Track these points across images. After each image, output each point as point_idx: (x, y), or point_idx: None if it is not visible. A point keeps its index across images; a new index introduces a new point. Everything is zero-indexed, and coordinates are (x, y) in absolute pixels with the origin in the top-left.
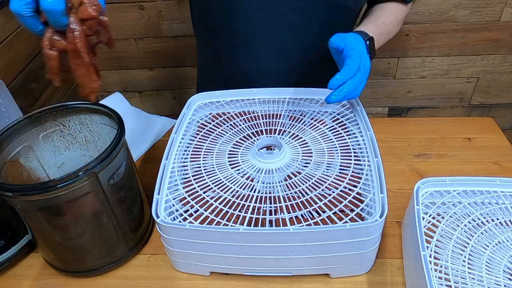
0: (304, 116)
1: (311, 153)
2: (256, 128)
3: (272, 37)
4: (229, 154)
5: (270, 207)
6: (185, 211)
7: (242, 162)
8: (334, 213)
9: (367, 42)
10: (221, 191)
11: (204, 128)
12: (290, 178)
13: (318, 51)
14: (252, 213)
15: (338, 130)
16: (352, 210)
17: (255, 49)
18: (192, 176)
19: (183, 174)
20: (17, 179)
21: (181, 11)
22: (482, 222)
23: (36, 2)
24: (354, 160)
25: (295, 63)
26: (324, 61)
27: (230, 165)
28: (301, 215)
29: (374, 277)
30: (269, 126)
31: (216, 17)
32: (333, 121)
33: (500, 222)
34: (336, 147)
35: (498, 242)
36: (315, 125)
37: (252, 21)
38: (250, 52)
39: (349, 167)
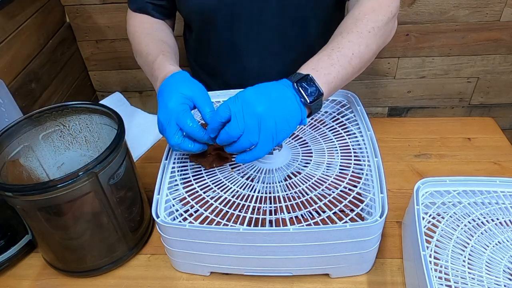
0: None
1: (311, 153)
2: None
3: (261, 44)
4: None
5: (270, 207)
6: (185, 211)
7: None
8: (334, 213)
9: (295, 85)
10: (221, 191)
11: None
12: (290, 178)
13: (307, 52)
14: (252, 213)
15: (338, 130)
16: (352, 210)
17: (246, 57)
18: (192, 176)
19: (183, 174)
20: (17, 179)
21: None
22: (482, 222)
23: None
24: (354, 160)
25: (286, 67)
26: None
27: (230, 165)
28: (301, 215)
29: (374, 277)
30: None
31: (205, 30)
32: (333, 121)
33: (500, 222)
34: (336, 147)
35: (498, 242)
36: (315, 125)
37: (240, 31)
38: (240, 61)
39: (349, 167)
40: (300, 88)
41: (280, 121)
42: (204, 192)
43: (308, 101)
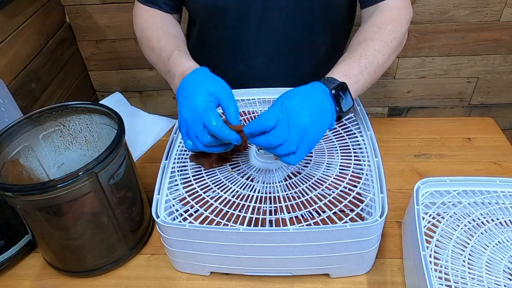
0: None
1: (311, 153)
2: None
3: (267, 45)
4: None
5: (270, 207)
6: (185, 211)
7: (242, 162)
8: (334, 213)
9: (333, 92)
10: (221, 191)
11: None
12: (290, 178)
13: (312, 52)
14: (252, 213)
15: (338, 130)
16: (352, 210)
17: (251, 57)
18: (192, 176)
19: (183, 174)
20: (17, 179)
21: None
22: (482, 222)
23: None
24: (354, 160)
25: (290, 68)
26: (321, 61)
27: (230, 165)
28: (301, 215)
29: (374, 277)
30: None
31: (211, 28)
32: None
33: (500, 222)
34: (336, 147)
35: (498, 242)
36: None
37: (247, 31)
38: (245, 60)
39: (349, 167)
40: (337, 97)
41: (319, 132)
42: (204, 192)
43: (343, 111)
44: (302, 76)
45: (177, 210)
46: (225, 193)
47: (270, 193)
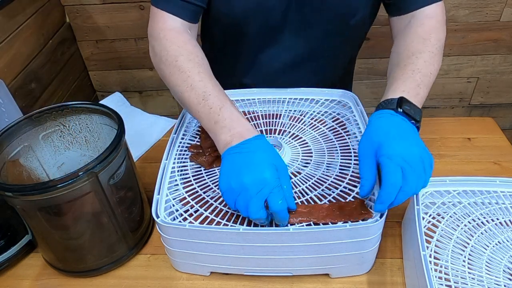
0: (304, 116)
1: (311, 153)
2: (256, 128)
3: (286, 53)
4: None
5: None
6: (185, 211)
7: None
8: None
9: (399, 110)
10: None
11: None
12: (290, 178)
13: (329, 62)
14: None
15: (338, 130)
16: None
17: (269, 63)
18: (192, 176)
19: (183, 174)
20: (17, 179)
21: None
22: (482, 222)
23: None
24: (354, 160)
25: (307, 74)
26: (328, 69)
27: None
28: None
29: (374, 277)
30: (269, 126)
31: (232, 34)
32: (333, 121)
33: (500, 222)
34: (336, 147)
35: (498, 242)
36: (315, 125)
37: (268, 40)
38: (263, 66)
39: (349, 167)
40: (405, 112)
41: (422, 145)
42: (204, 192)
43: (418, 119)
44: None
45: (177, 210)
46: None
47: None
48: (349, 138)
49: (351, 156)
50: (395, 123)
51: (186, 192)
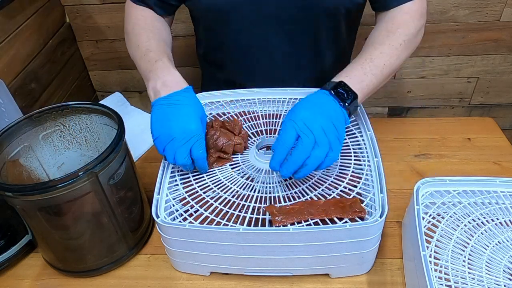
0: None
1: None
2: (256, 128)
3: (272, 45)
4: None
5: None
6: (185, 211)
7: (242, 162)
8: None
9: (332, 92)
10: (221, 191)
11: None
12: (290, 178)
13: (317, 56)
14: (252, 213)
15: None
16: None
17: (256, 57)
18: (192, 176)
19: (183, 174)
20: (17, 179)
21: (181, 11)
22: (482, 222)
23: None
24: (354, 160)
25: (296, 69)
26: (322, 63)
27: (230, 165)
28: None
29: (374, 277)
30: (269, 126)
31: (216, 29)
32: None
33: (500, 222)
34: None
35: (498, 242)
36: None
37: (251, 32)
38: (250, 60)
39: (349, 167)
40: (337, 94)
41: (337, 124)
42: (204, 192)
43: (347, 104)
44: (307, 80)
45: (177, 210)
46: (225, 193)
47: (270, 193)
48: (349, 138)
49: (351, 156)
50: (320, 99)
51: (186, 192)
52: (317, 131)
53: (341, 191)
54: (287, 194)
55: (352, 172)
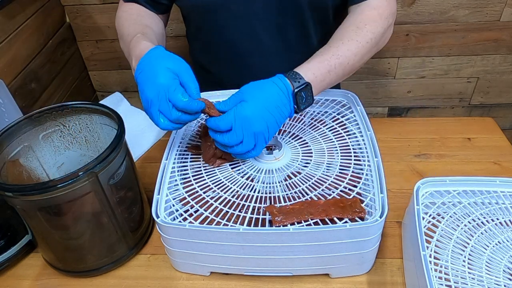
0: (304, 116)
1: (311, 153)
2: None
3: (261, 44)
4: None
5: None
6: (185, 211)
7: (242, 162)
8: None
9: (295, 91)
10: (221, 191)
11: None
12: (290, 178)
13: (308, 52)
14: (252, 213)
15: (338, 130)
16: None
17: (246, 57)
18: (192, 176)
19: (183, 174)
20: (17, 179)
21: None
22: (482, 222)
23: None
24: (354, 160)
25: (288, 67)
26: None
27: (230, 165)
28: None
29: (374, 277)
30: None
31: (205, 29)
32: (333, 121)
33: (500, 222)
34: (336, 147)
35: (498, 242)
36: (315, 125)
37: (240, 30)
38: (241, 60)
39: (349, 167)
40: (298, 97)
41: (274, 128)
42: (204, 192)
43: (300, 109)
44: None
45: (177, 210)
46: (225, 193)
47: (270, 193)
48: (349, 138)
49: (351, 156)
50: (275, 98)
51: (186, 192)
52: (248, 137)
53: (341, 191)
54: (287, 194)
55: (352, 172)
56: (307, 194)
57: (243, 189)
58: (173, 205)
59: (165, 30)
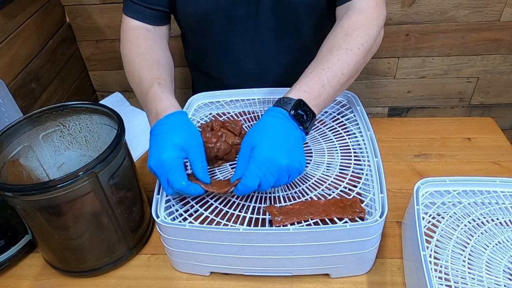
0: None
1: (311, 153)
2: None
3: (257, 47)
4: None
5: None
6: (185, 211)
7: None
8: None
9: (292, 112)
10: None
11: None
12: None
13: (303, 54)
14: (252, 213)
15: (338, 130)
16: None
17: (243, 60)
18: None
19: None
20: (17, 179)
21: None
22: (482, 222)
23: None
24: (354, 160)
25: (284, 69)
26: (310, 58)
27: (230, 165)
28: None
29: (374, 277)
30: None
31: (202, 33)
32: (333, 121)
33: (500, 222)
34: (336, 147)
35: (498, 242)
36: (315, 125)
37: (236, 34)
38: (237, 63)
39: (349, 167)
40: (297, 116)
41: (297, 150)
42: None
43: (307, 126)
44: (296, 77)
45: (177, 210)
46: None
47: (270, 193)
48: (349, 138)
49: (351, 156)
50: (280, 127)
51: None
52: (279, 174)
53: (341, 191)
54: (287, 194)
55: (352, 172)
56: (307, 194)
57: None
58: (173, 205)
59: (169, 46)
